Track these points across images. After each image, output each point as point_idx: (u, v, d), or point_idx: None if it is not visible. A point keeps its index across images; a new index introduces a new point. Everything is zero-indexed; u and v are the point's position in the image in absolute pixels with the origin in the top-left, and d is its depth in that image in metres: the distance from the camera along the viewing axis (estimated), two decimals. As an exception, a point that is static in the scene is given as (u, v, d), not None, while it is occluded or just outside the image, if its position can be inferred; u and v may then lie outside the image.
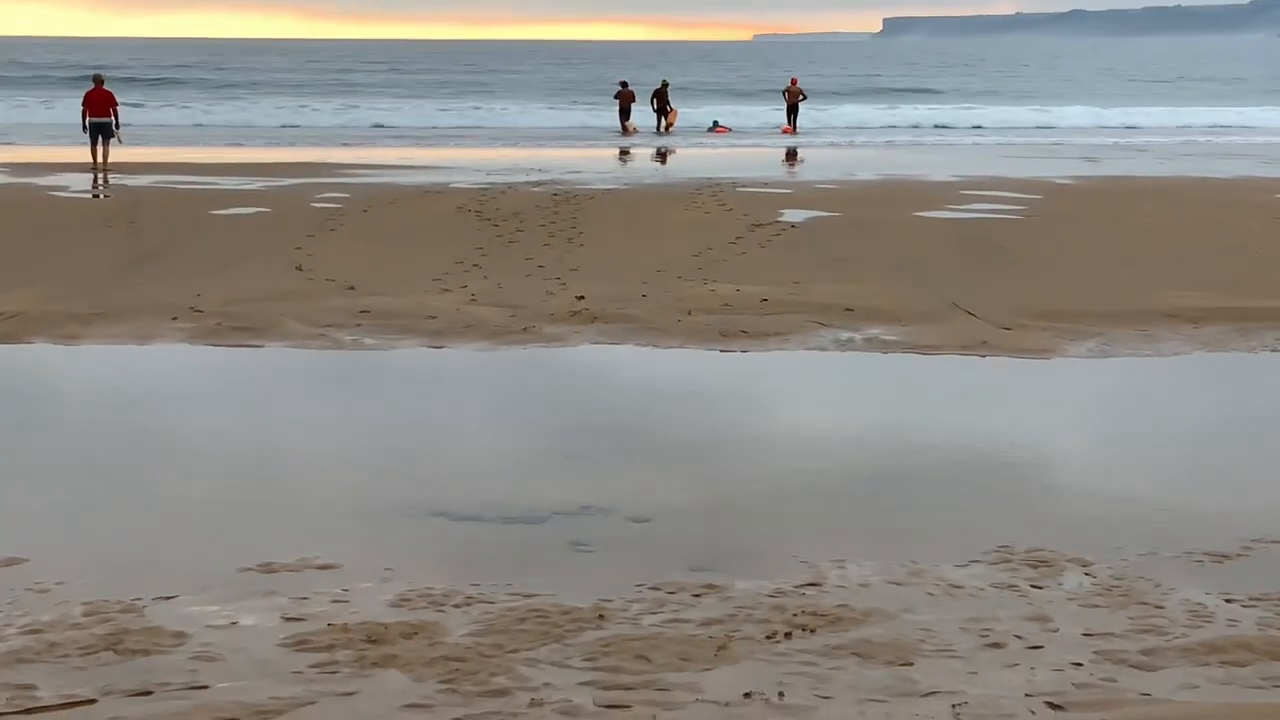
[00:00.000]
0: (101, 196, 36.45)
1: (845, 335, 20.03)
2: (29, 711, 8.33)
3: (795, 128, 66.52)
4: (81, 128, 43.78)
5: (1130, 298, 22.31)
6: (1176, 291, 22.71)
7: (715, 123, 69.26)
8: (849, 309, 21.37)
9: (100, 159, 43.06)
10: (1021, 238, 29.30)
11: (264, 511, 12.31)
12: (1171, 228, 30.96)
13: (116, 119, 43.29)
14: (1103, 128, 74.30)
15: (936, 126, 75.18)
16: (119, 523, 11.96)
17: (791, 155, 54.16)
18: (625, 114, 65.63)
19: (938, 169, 46.05)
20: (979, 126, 75.48)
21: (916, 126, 75.01)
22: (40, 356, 18.65)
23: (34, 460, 14.00)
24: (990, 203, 35.38)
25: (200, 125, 69.64)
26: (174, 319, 20.40)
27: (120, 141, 43.67)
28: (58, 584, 10.30)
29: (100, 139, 43.17)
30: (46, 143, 54.81)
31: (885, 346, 19.43)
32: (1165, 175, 45.31)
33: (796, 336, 19.94)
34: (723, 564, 10.96)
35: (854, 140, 63.96)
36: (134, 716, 8.26)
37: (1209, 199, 37.13)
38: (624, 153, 55.37)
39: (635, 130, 64.65)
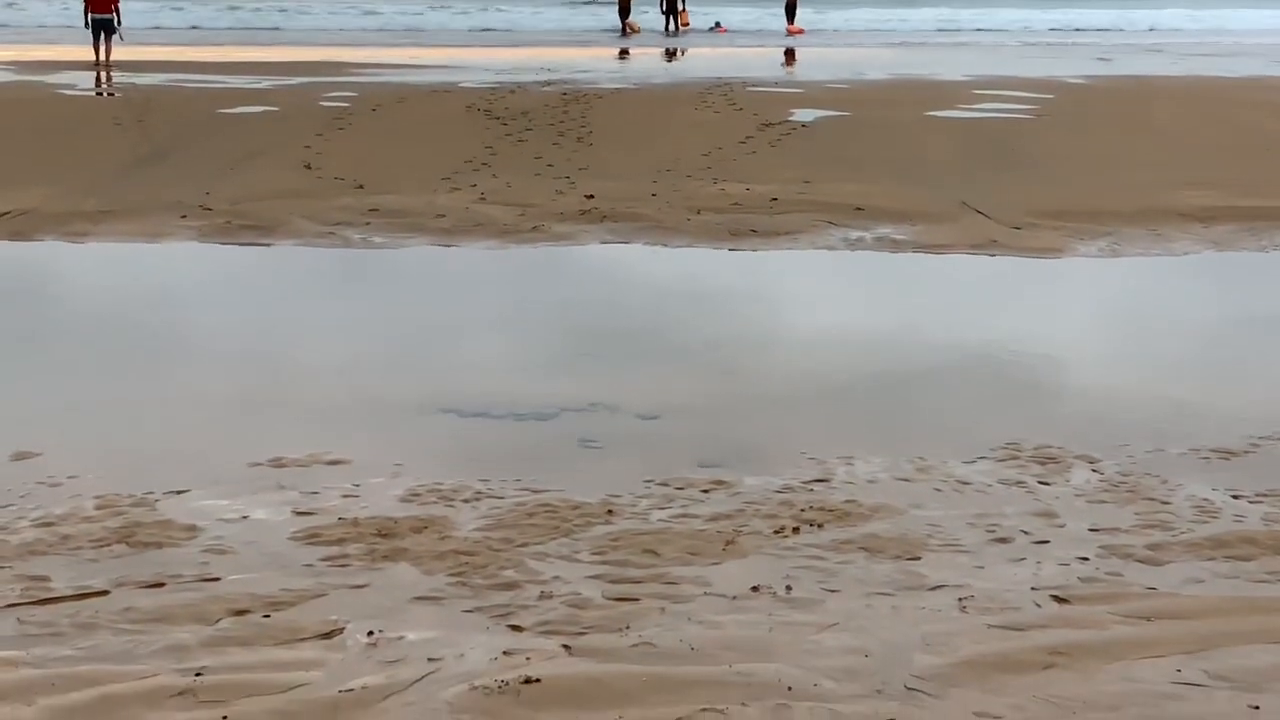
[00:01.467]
0: (108, 95, 36.18)
1: (855, 234, 19.92)
2: (43, 602, 8.37)
3: (800, 27, 65.98)
4: (84, 24, 43.53)
5: (1141, 197, 22.13)
6: (1187, 191, 22.52)
7: (716, 23, 68.64)
8: (859, 208, 21.23)
9: (103, 56, 42.81)
10: (1033, 137, 29.05)
11: (274, 407, 12.31)
12: (1184, 127, 30.68)
13: (118, 15, 43.10)
14: (1121, 30, 73.67)
15: (941, 30, 74.37)
16: (130, 418, 11.97)
17: (798, 56, 53.60)
18: (625, 12, 64.83)
19: (949, 69, 45.58)
20: (988, 29, 74.70)
21: (927, 29, 74.21)
22: (50, 254, 18.61)
23: (45, 356, 14.00)
24: (1002, 102, 35.04)
25: (197, 28, 68.84)
26: (183, 217, 20.32)
27: (121, 39, 43.46)
28: (70, 478, 10.32)
29: (103, 35, 42.95)
30: (49, 40, 54.37)
31: (895, 246, 19.33)
32: (1179, 74, 44.81)
33: (806, 235, 19.83)
34: (731, 460, 10.95)
35: (865, 41, 63.31)
36: (146, 607, 8.30)
37: (1222, 98, 36.75)
38: (630, 53, 54.81)
39: (637, 30, 63.91)
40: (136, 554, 9.09)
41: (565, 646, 7.97)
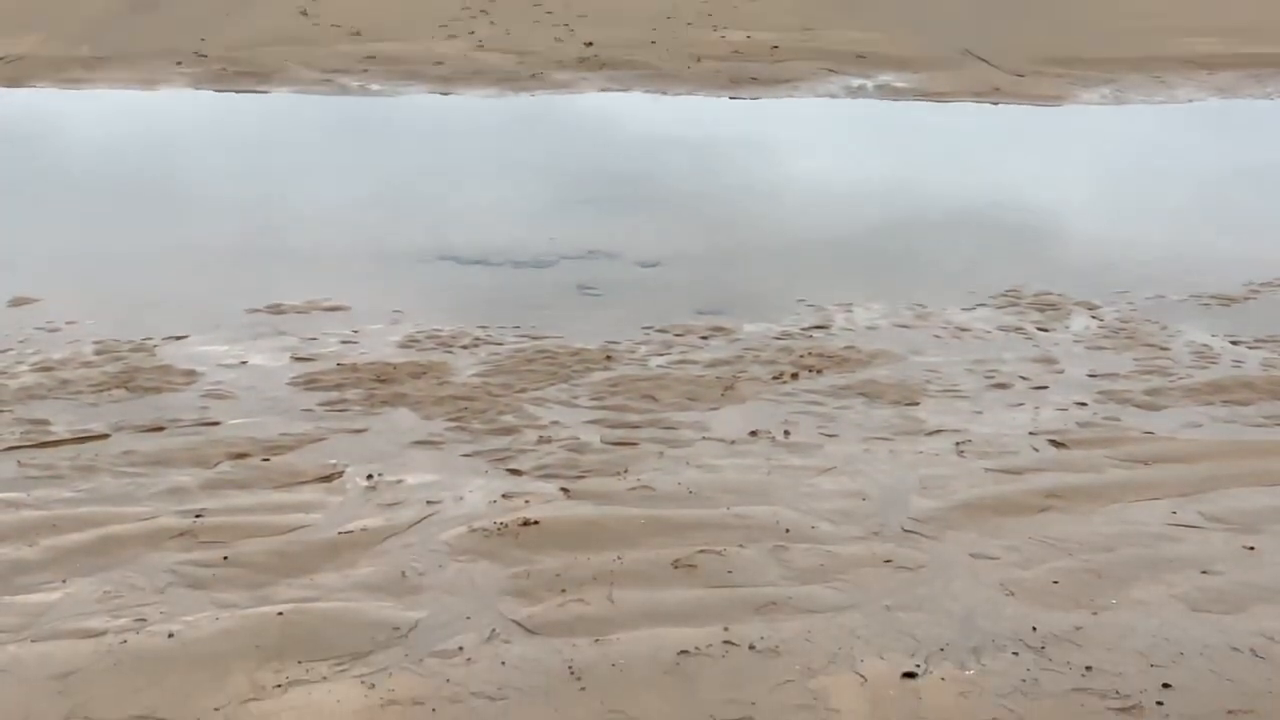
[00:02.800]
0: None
1: (856, 82, 19.60)
2: (43, 445, 8.33)
3: None
4: None
5: (1145, 44, 21.75)
6: (1192, 38, 22.13)
7: None
8: (861, 55, 20.87)
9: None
10: (1037, -16, 28.47)
11: (271, 255, 12.18)
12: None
13: None
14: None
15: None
16: (127, 265, 11.85)
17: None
18: None
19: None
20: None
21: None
22: (45, 100, 18.32)
23: (42, 203, 13.83)
24: (1006, -51, 34.30)
25: None
26: (178, 64, 19.99)
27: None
28: (68, 323, 10.23)
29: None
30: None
31: (897, 93, 19.03)
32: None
33: (807, 83, 19.52)
34: (730, 307, 10.86)
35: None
36: (146, 450, 8.26)
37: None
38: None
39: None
40: (136, 398, 9.04)
41: (564, 490, 7.94)
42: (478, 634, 6.24)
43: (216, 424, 8.69)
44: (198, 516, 7.48)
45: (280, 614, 6.40)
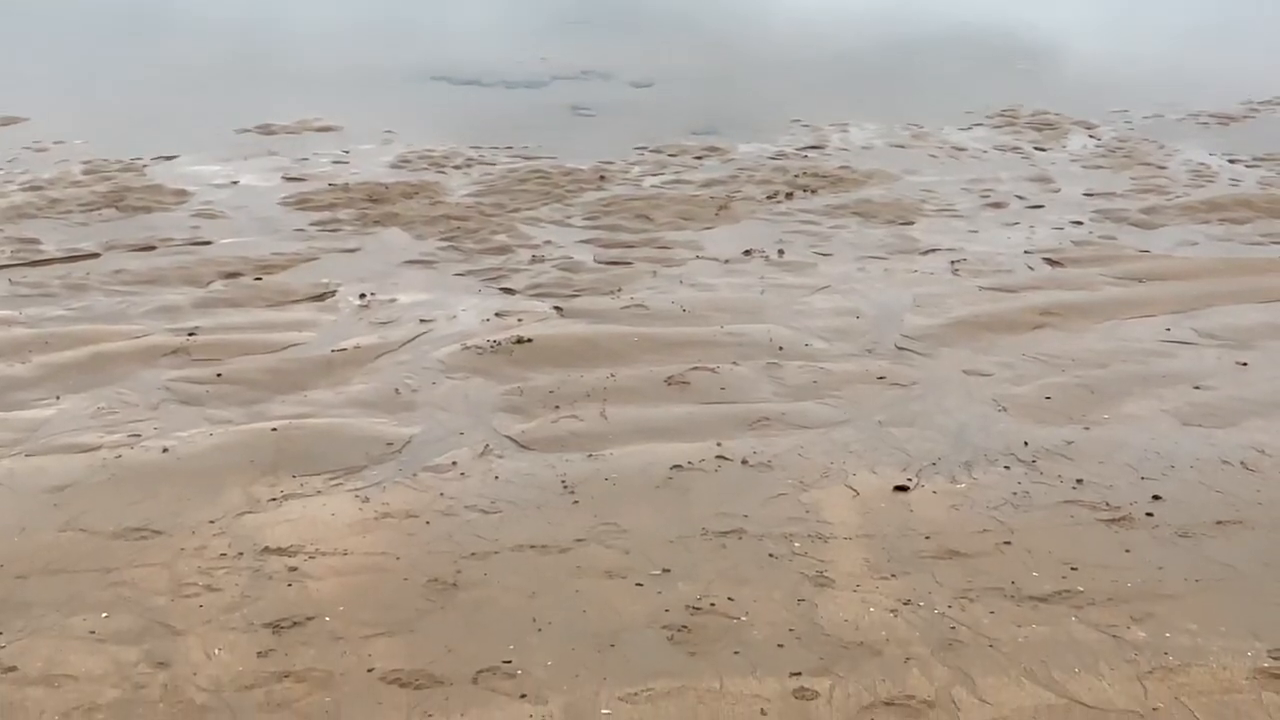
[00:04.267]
0: None
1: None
2: (34, 264, 8.20)
3: None
4: None
5: None
6: None
7: None
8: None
9: None
10: None
11: (260, 75, 11.93)
12: None
13: None
14: None
15: None
16: (116, 85, 11.60)
17: None
18: None
19: None
20: None
21: None
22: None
23: (28, 23, 13.51)
24: None
25: None
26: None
27: None
28: (57, 143, 10.04)
29: None
30: None
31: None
32: None
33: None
34: (724, 128, 10.66)
35: None
36: (137, 269, 8.14)
37: None
38: None
39: None
40: (126, 218, 8.89)
41: (557, 308, 7.84)
42: (471, 449, 6.19)
43: (208, 243, 8.56)
44: (190, 334, 7.39)
45: (274, 430, 6.34)
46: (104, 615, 4.60)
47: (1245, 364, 7.12)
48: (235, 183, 9.47)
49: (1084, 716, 3.92)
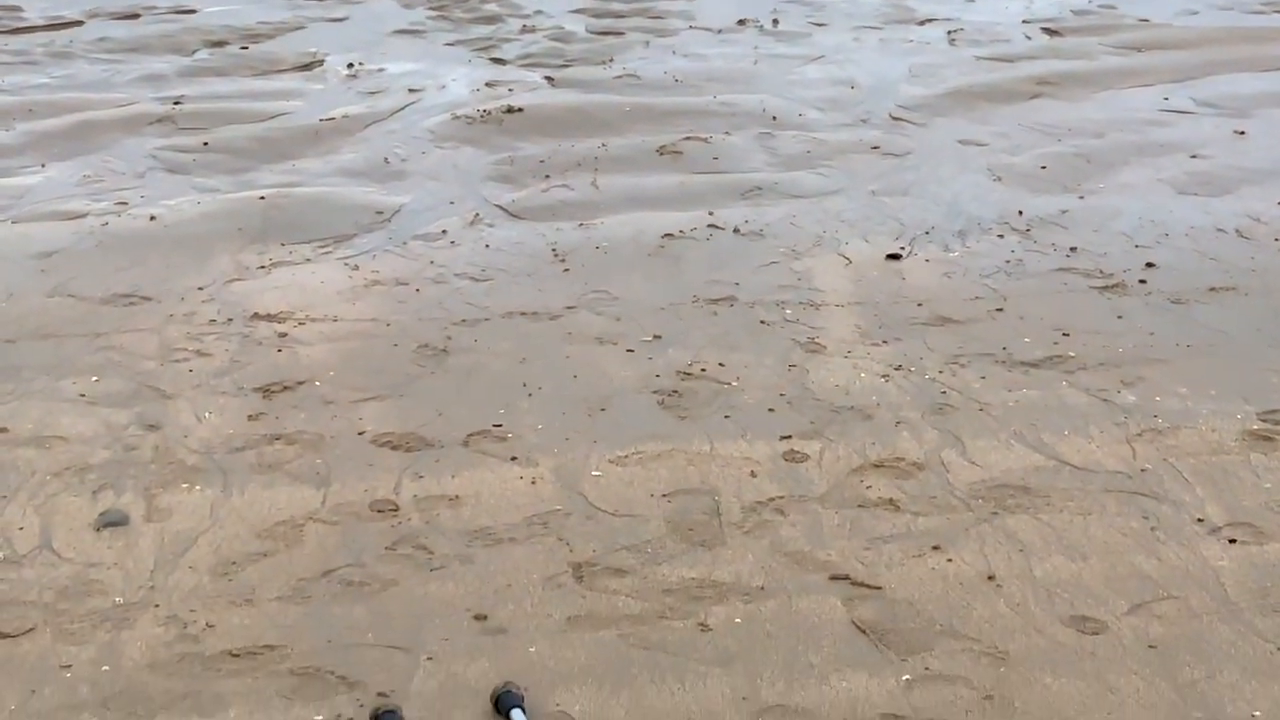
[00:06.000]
0: None
1: None
2: (15, 31, 7.94)
3: None
4: None
5: None
6: None
7: None
8: None
9: None
10: None
11: None
12: None
13: None
14: None
15: None
16: None
17: None
18: None
19: None
20: None
21: None
22: None
23: None
24: None
25: None
26: None
27: None
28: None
29: None
30: None
31: None
32: None
33: None
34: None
35: None
36: (122, 37, 7.89)
37: None
38: None
39: None
40: (108, -15, 8.60)
41: (548, 79, 7.63)
42: (461, 218, 6.05)
43: (193, 11, 8.29)
44: (176, 103, 7.19)
45: (262, 198, 6.19)
46: (94, 379, 4.52)
47: (1243, 133, 6.95)
48: (219, -50, 9.12)
49: (1072, 477, 3.87)
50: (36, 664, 3.08)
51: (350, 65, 7.72)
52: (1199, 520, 3.66)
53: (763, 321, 5.01)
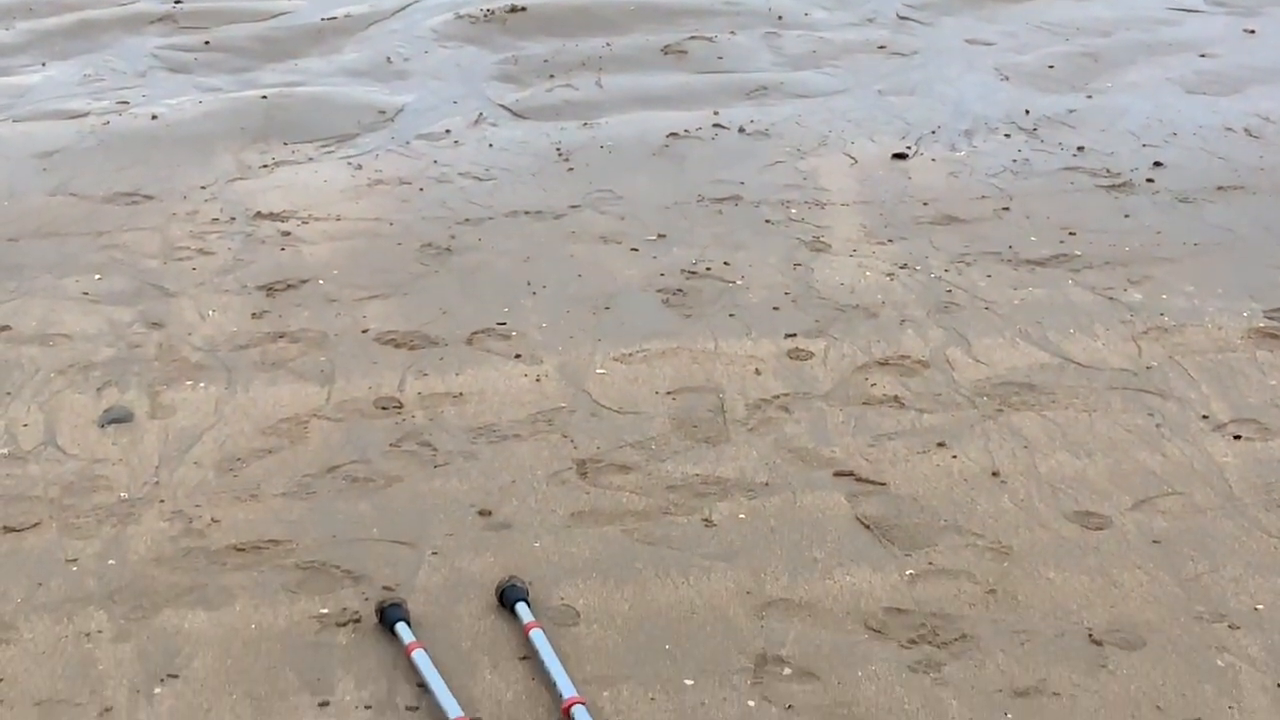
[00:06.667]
0: None
1: None
2: (13, -70, 7.79)
3: None
4: None
5: None
6: None
7: None
8: None
9: None
10: None
11: None
12: None
13: None
14: None
15: None
16: None
17: None
18: None
19: None
20: None
21: None
22: None
23: None
24: None
25: None
26: None
27: None
28: None
29: None
30: None
31: None
32: None
33: None
34: None
35: None
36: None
37: None
38: None
39: None
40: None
41: (551, -23, 7.50)
42: (464, 118, 5.98)
43: (192, -91, 8.13)
44: (177, 2, 7.08)
45: (264, 97, 6.11)
46: (97, 277, 4.48)
47: (1253, 31, 6.83)
48: None
49: (1077, 375, 3.83)
50: (43, 557, 3.07)
51: (352, -36, 7.59)
52: (1204, 417, 3.63)
53: (768, 221, 4.95)
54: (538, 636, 2.75)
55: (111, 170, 5.38)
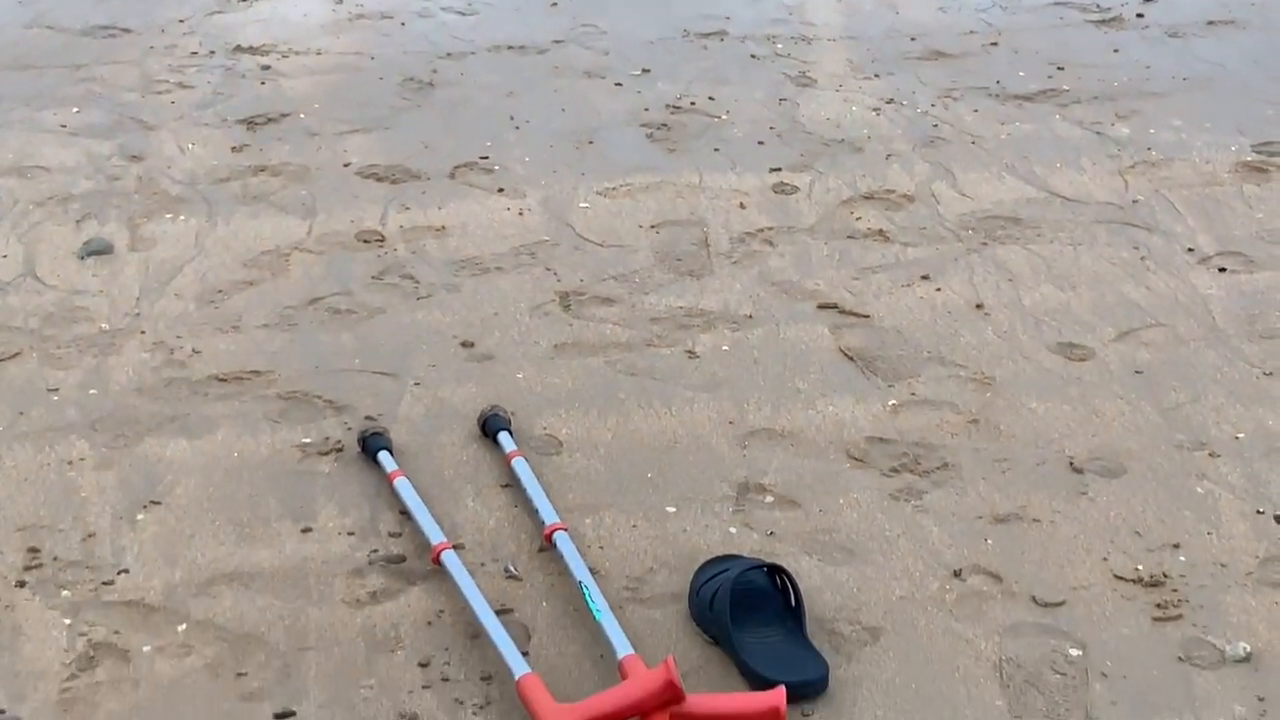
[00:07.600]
0: None
1: None
2: None
3: None
4: None
5: None
6: None
7: None
8: None
9: None
10: None
11: None
12: None
13: None
14: None
15: None
16: None
17: None
18: None
19: None
20: None
21: None
22: None
23: None
24: None
25: None
26: None
27: None
28: None
29: None
30: None
31: None
32: None
33: None
34: None
35: None
36: None
37: None
38: None
39: None
40: None
41: None
42: (447, -48, 5.79)
43: None
44: None
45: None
46: (74, 110, 4.36)
47: None
48: None
49: (1063, 208, 3.77)
50: (24, 387, 3.01)
51: None
52: (1189, 250, 3.57)
53: (753, 55, 4.83)
54: (520, 465, 2.72)
55: (88, 3, 5.22)
